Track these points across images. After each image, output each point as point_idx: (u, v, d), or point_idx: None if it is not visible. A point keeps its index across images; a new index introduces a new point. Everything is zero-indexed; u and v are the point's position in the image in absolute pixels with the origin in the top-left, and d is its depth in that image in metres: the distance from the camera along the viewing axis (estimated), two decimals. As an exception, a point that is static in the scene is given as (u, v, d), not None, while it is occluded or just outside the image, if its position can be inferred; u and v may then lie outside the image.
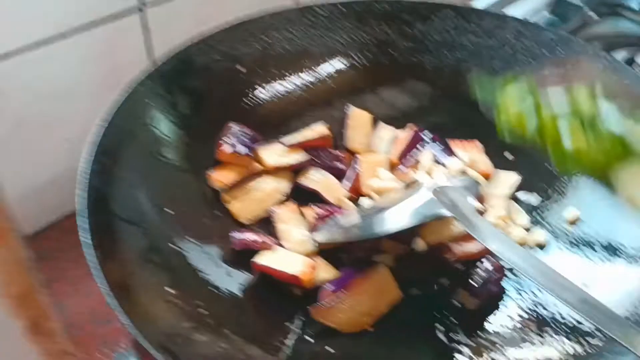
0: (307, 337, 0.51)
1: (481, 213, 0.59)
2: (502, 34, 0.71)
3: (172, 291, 0.48)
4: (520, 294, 0.55)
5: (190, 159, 0.61)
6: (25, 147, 0.65)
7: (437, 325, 0.53)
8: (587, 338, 0.49)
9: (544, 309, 0.53)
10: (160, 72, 0.61)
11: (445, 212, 0.49)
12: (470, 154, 0.66)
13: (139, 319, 0.42)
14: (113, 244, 0.48)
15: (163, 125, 0.60)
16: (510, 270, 0.56)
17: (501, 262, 0.53)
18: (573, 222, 0.60)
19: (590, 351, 0.48)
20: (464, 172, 0.63)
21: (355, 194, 0.64)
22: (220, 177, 0.61)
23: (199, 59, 0.65)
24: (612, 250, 0.54)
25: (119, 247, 0.48)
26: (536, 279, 0.43)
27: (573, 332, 0.50)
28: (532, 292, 0.55)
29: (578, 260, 0.56)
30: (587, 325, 0.49)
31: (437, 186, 0.51)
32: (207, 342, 0.46)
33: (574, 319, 0.51)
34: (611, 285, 0.51)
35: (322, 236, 0.57)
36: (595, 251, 0.55)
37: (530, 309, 0.54)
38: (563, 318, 0.52)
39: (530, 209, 0.63)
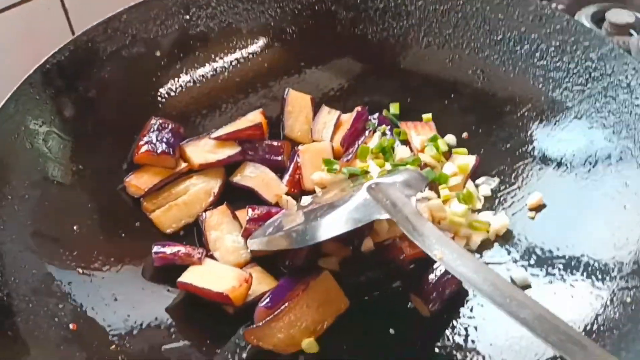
0: (242, 364, 0.45)
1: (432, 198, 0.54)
2: (451, -4, 0.63)
3: (74, 327, 0.41)
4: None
5: (104, 163, 0.54)
6: None
7: (390, 335, 0.48)
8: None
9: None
10: (55, 65, 0.53)
11: (383, 215, 0.42)
12: (422, 137, 0.59)
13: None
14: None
15: (59, 130, 0.52)
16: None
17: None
18: (535, 208, 0.54)
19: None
20: (415, 160, 0.56)
21: (297, 189, 0.58)
22: (138, 183, 0.54)
23: (106, 46, 0.57)
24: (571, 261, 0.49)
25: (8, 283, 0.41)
26: (487, 294, 0.37)
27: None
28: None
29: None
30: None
31: (374, 183, 0.45)
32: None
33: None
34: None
35: (255, 244, 0.50)
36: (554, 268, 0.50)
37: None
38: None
39: (490, 194, 0.57)
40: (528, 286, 0.49)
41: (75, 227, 0.48)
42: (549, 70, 0.59)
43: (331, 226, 0.43)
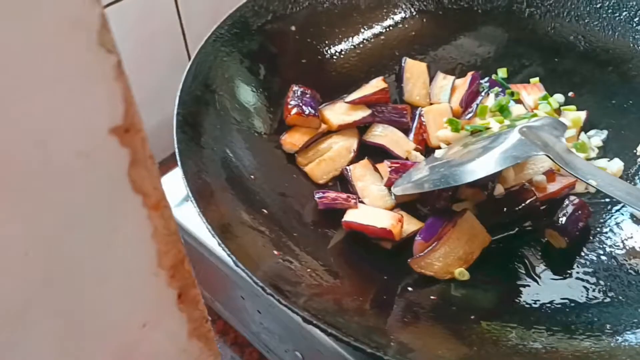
0: (407, 288, 0.52)
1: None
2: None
3: (277, 253, 0.48)
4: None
5: (261, 121, 0.61)
6: None
7: (529, 265, 0.54)
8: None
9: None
10: (220, 36, 0.60)
11: (539, 152, 0.49)
12: (533, 97, 0.66)
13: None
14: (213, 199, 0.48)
15: (231, 89, 0.59)
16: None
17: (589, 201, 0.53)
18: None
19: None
20: (533, 116, 0.62)
21: (423, 146, 0.65)
22: (293, 140, 0.61)
23: (254, 21, 0.64)
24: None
25: (216, 193, 0.49)
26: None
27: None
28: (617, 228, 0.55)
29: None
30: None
31: (525, 126, 0.51)
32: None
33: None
34: None
35: (402, 189, 0.57)
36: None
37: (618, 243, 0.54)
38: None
39: (602, 144, 0.63)
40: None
41: (252, 176, 0.55)
42: (649, 32, 0.65)
43: (491, 164, 0.49)
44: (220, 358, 0.42)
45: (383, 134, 0.64)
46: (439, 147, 0.64)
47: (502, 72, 0.69)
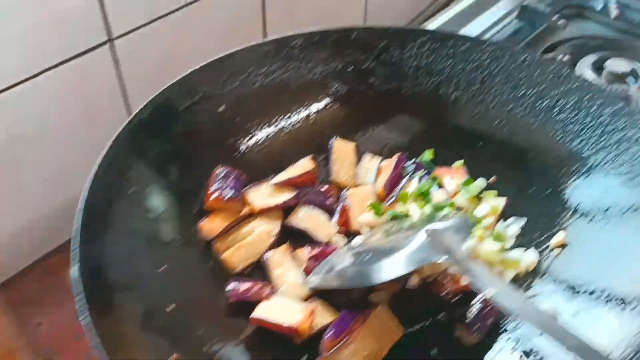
0: (313, 388, 0.51)
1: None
2: (479, 57, 0.71)
3: (175, 357, 0.48)
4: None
5: (179, 209, 0.60)
6: (4, 189, 0.64)
7: (438, 361, 0.54)
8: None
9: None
10: (140, 122, 0.60)
11: (441, 258, 0.49)
12: (456, 181, 0.67)
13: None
14: (111, 313, 0.47)
15: (147, 177, 0.59)
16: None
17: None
18: (559, 247, 0.62)
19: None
20: (451, 204, 0.63)
21: (346, 229, 0.65)
22: (211, 225, 0.60)
23: (180, 102, 0.64)
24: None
25: (118, 316, 0.48)
26: (535, 325, 0.44)
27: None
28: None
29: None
30: None
31: (430, 230, 0.52)
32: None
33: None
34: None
35: (316, 281, 0.57)
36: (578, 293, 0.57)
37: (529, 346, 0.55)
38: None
39: (519, 232, 0.64)
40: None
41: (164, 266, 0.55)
42: (567, 123, 0.67)
43: (395, 267, 0.50)
44: None
45: (306, 217, 0.65)
46: (359, 232, 0.64)
47: (428, 154, 0.70)
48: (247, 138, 0.68)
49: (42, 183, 0.70)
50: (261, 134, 0.69)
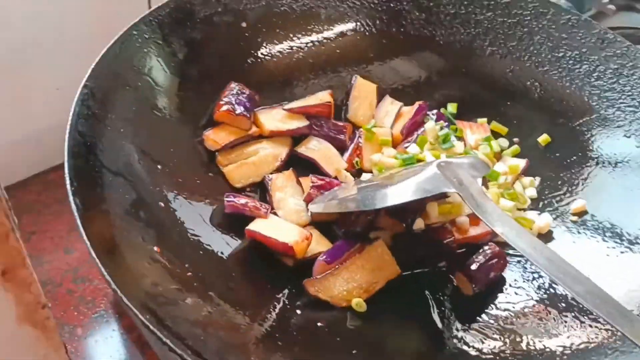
0: (296, 310, 0.49)
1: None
2: (520, 12, 0.68)
3: (158, 250, 0.45)
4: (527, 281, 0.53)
5: (186, 113, 0.58)
6: (14, 95, 0.62)
7: (432, 307, 0.51)
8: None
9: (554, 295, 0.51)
10: (157, 19, 0.58)
11: (451, 189, 0.46)
12: (476, 136, 0.63)
13: (122, 277, 0.39)
14: (98, 195, 0.45)
15: (158, 74, 0.56)
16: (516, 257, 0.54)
17: (506, 249, 0.51)
18: (578, 214, 0.58)
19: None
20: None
21: (354, 170, 0.62)
22: (216, 138, 0.58)
23: (200, 9, 0.61)
24: (619, 239, 0.52)
25: (105, 199, 0.46)
26: (544, 267, 0.40)
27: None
28: (537, 279, 0.53)
29: (585, 249, 0.54)
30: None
31: (443, 161, 0.49)
32: (191, 305, 0.43)
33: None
34: (619, 277, 0.49)
35: (317, 207, 0.54)
36: (605, 241, 0.53)
37: (539, 297, 0.51)
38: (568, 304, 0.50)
39: (536, 195, 0.60)
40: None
41: (159, 167, 0.53)
42: (605, 90, 0.63)
43: (401, 193, 0.47)
44: (64, 351, 0.39)
45: (316, 149, 0.62)
46: (371, 171, 0.61)
47: (451, 107, 0.67)
48: (266, 59, 0.65)
49: (54, 93, 0.68)
50: (281, 55, 0.66)
